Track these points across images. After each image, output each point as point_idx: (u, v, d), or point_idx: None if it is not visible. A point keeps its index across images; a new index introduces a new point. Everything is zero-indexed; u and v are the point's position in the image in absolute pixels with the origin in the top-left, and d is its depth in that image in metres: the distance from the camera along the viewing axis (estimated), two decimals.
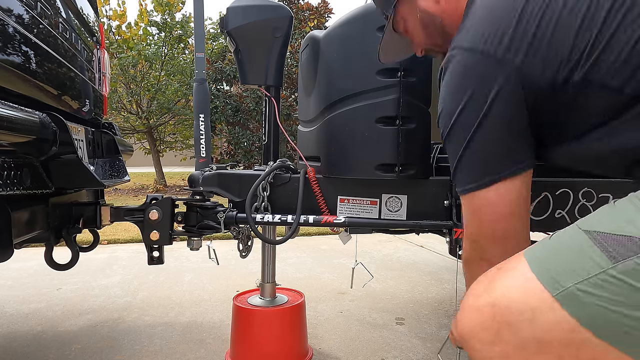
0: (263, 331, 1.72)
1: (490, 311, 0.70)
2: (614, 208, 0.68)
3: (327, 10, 8.88)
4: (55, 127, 1.23)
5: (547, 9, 0.74)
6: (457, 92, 0.82)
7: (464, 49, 0.81)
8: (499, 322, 0.69)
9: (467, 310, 0.75)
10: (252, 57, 1.65)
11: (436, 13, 0.98)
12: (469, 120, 0.80)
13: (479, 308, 0.73)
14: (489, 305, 0.71)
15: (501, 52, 0.76)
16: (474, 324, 0.73)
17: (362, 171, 1.39)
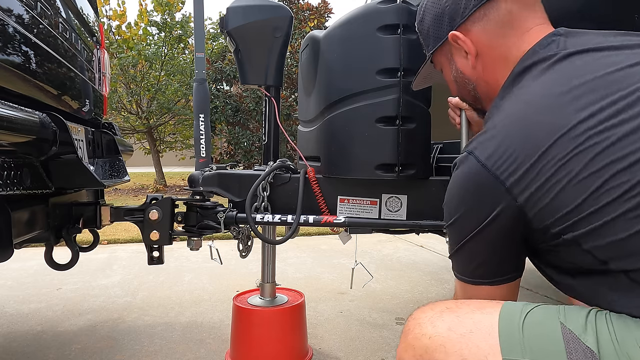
0: (263, 331, 1.72)
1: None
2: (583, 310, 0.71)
3: (327, 10, 8.88)
4: (55, 127, 1.23)
5: (569, 162, 0.71)
6: (463, 196, 0.84)
7: (480, 161, 0.79)
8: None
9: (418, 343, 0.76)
10: (252, 57, 1.65)
11: (471, 78, 0.95)
12: (468, 226, 0.82)
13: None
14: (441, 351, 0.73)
15: (510, 183, 0.75)
16: None
17: (362, 171, 1.39)
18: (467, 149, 0.83)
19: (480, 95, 0.97)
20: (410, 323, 0.80)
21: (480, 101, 0.99)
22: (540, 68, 0.81)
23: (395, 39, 1.33)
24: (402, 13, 1.34)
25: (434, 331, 0.75)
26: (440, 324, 0.75)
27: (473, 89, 0.97)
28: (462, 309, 0.77)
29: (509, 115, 0.81)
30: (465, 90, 0.99)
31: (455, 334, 0.73)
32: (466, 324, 0.74)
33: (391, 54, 1.34)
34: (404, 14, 1.34)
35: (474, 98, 0.99)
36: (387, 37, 1.34)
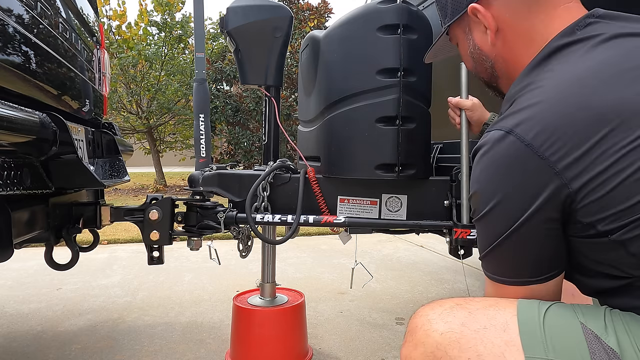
0: (263, 331, 1.72)
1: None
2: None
3: (327, 10, 8.88)
4: (55, 127, 1.23)
5: (633, 151, 0.64)
6: (504, 181, 0.73)
7: (524, 141, 0.70)
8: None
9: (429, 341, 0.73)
10: (252, 57, 1.65)
11: (489, 55, 0.90)
12: (510, 215, 0.72)
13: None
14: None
15: (562, 167, 0.67)
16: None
17: (362, 171, 1.39)
18: (503, 128, 0.74)
19: (498, 74, 0.91)
20: (418, 320, 0.77)
21: (496, 79, 0.94)
22: (585, 47, 0.74)
23: (395, 39, 1.33)
24: (402, 13, 1.34)
25: (447, 327, 0.71)
26: (453, 320, 0.72)
27: (490, 67, 0.91)
28: (473, 305, 0.74)
29: (555, 92, 0.72)
30: (482, 67, 0.94)
31: (469, 329, 0.70)
32: (480, 320, 0.70)
33: (391, 54, 1.34)
34: (404, 14, 1.34)
35: (491, 76, 0.94)
36: (387, 37, 1.34)
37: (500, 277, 0.79)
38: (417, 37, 1.36)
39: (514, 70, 0.86)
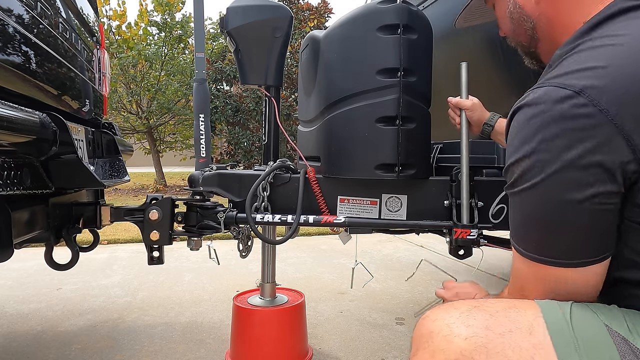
0: (263, 331, 1.72)
1: None
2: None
3: (327, 10, 8.88)
4: (55, 127, 1.23)
5: None
6: (566, 146, 0.65)
7: (598, 105, 0.63)
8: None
9: (447, 339, 0.68)
10: (252, 57, 1.65)
11: (531, 15, 0.85)
12: (572, 185, 0.65)
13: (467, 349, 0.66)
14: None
15: (637, 140, 0.62)
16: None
17: (362, 171, 1.39)
18: (568, 86, 0.66)
19: (539, 36, 0.86)
20: (432, 325, 0.71)
21: (536, 42, 0.88)
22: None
23: (395, 39, 1.33)
24: (402, 13, 1.34)
25: (470, 331, 0.66)
26: (475, 323, 0.67)
27: (531, 28, 0.86)
28: (491, 307, 0.70)
29: (629, 56, 0.66)
30: (521, 28, 0.88)
31: (495, 333, 0.65)
32: (503, 323, 0.66)
33: (391, 54, 1.34)
34: (404, 14, 1.34)
35: (530, 38, 0.88)
36: (387, 37, 1.34)
37: (545, 257, 0.71)
38: (417, 37, 1.36)
39: (559, 32, 0.81)
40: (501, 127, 1.31)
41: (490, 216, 1.43)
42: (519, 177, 0.71)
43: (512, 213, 0.76)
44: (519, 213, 0.74)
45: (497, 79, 1.72)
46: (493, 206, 1.42)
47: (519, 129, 0.71)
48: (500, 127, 1.31)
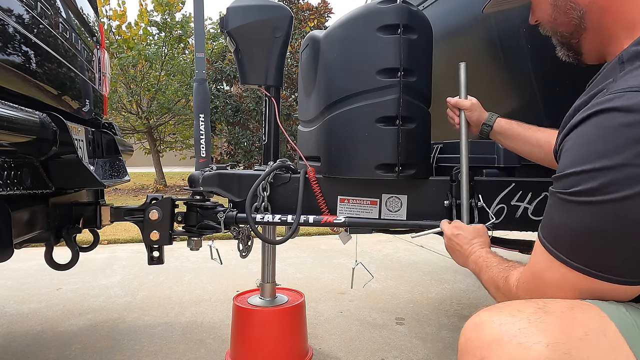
0: (263, 331, 1.72)
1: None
2: None
3: (327, 10, 8.88)
4: (55, 127, 1.23)
5: None
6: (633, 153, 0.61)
7: None
8: None
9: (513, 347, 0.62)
10: (252, 57, 1.65)
11: (580, 2, 0.81)
12: (623, 207, 0.62)
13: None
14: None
15: None
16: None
17: (362, 171, 1.39)
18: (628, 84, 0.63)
19: (587, 25, 0.82)
20: (498, 330, 0.64)
21: (580, 32, 0.84)
22: None
23: (395, 39, 1.33)
24: (402, 13, 1.34)
25: (550, 337, 0.60)
26: (551, 328, 0.61)
27: (579, 17, 0.82)
28: (555, 307, 0.65)
29: None
30: (567, 17, 0.84)
31: (573, 338, 0.60)
32: (576, 326, 0.62)
33: (391, 54, 1.34)
34: (404, 14, 1.34)
35: (575, 28, 0.84)
36: (387, 37, 1.34)
37: (596, 272, 0.67)
38: (417, 37, 1.36)
39: (614, 21, 0.78)
40: (500, 127, 1.31)
41: (490, 216, 1.43)
42: (595, 188, 0.65)
43: (561, 220, 0.71)
44: (574, 223, 0.69)
45: (496, 79, 1.72)
46: (493, 206, 1.42)
47: (602, 135, 0.65)
48: (499, 127, 1.31)
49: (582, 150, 0.68)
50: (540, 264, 0.75)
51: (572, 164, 0.68)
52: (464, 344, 0.68)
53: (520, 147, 1.28)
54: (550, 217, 0.74)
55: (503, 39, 1.56)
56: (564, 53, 0.92)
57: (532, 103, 1.54)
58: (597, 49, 0.85)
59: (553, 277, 0.72)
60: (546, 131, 1.23)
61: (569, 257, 0.70)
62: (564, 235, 0.71)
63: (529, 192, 1.42)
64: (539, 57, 1.45)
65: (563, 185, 0.70)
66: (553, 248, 0.72)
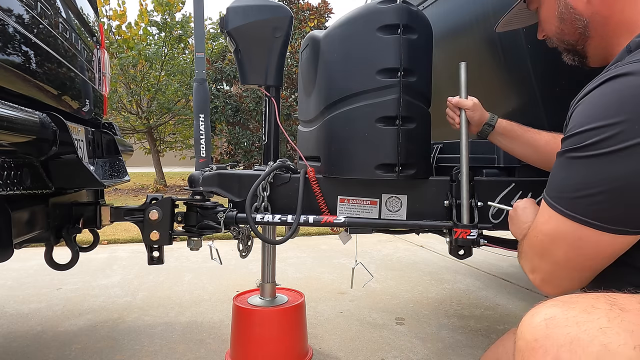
0: (263, 331, 1.72)
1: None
2: None
3: (327, 10, 8.88)
4: (55, 127, 1.23)
5: None
6: None
7: None
8: None
9: None
10: (252, 57, 1.65)
11: (583, 14, 0.88)
12: (636, 158, 0.66)
13: None
14: None
15: None
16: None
17: (362, 171, 1.39)
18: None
19: (591, 33, 0.89)
20: (576, 329, 0.58)
21: (585, 40, 0.91)
22: None
23: (395, 39, 1.33)
24: (402, 13, 1.34)
25: (637, 339, 0.55)
26: (636, 328, 0.56)
27: (583, 27, 0.89)
28: (626, 302, 0.62)
29: None
30: (572, 27, 0.91)
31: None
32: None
33: (391, 54, 1.34)
34: (404, 14, 1.34)
35: (580, 36, 0.91)
36: (387, 37, 1.34)
37: (586, 219, 0.72)
38: (417, 37, 1.36)
39: (615, 28, 0.85)
40: (501, 128, 1.31)
41: (490, 216, 1.43)
42: (602, 139, 0.69)
43: (565, 176, 0.76)
44: (578, 176, 0.73)
45: (496, 79, 1.72)
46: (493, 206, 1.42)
47: (617, 96, 0.70)
48: (501, 127, 1.31)
49: (596, 109, 0.72)
50: (540, 218, 0.82)
51: (585, 123, 0.72)
52: (533, 344, 0.60)
53: (519, 148, 1.30)
54: (553, 175, 0.80)
55: (503, 39, 1.56)
56: (570, 58, 0.99)
57: (532, 103, 1.54)
58: (600, 53, 0.91)
59: (548, 227, 0.79)
60: (544, 134, 1.24)
61: (567, 208, 0.75)
62: (563, 188, 0.77)
63: (529, 192, 1.42)
64: (539, 57, 1.45)
65: (568, 144, 0.75)
66: (552, 201, 0.78)
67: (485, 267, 3.39)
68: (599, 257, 0.75)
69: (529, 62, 1.49)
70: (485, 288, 2.89)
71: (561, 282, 0.82)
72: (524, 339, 0.62)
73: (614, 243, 0.72)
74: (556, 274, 0.82)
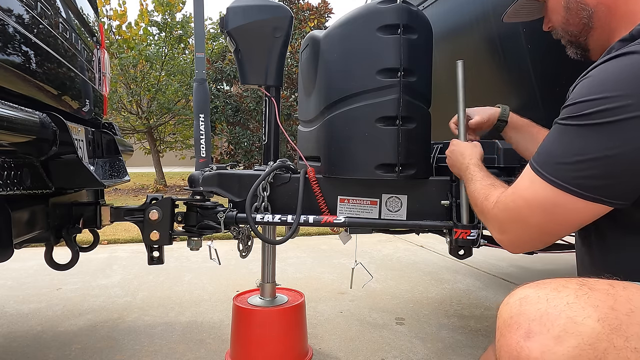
0: (263, 331, 1.72)
1: None
2: None
3: (327, 10, 8.88)
4: (55, 127, 1.23)
5: None
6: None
7: None
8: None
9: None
10: (252, 57, 1.65)
11: (589, 3, 0.90)
12: (631, 131, 0.69)
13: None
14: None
15: None
16: None
17: (362, 171, 1.39)
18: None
19: (594, 24, 0.91)
20: (546, 305, 0.64)
21: (588, 31, 0.93)
22: None
23: (395, 39, 1.33)
24: (402, 13, 1.34)
25: (600, 312, 0.60)
26: (601, 304, 0.61)
27: (588, 17, 0.91)
28: (597, 285, 0.66)
29: None
30: (577, 17, 0.93)
31: (622, 313, 0.61)
32: (622, 302, 0.62)
33: (391, 54, 1.34)
34: (404, 14, 1.34)
35: (584, 27, 0.93)
36: (387, 37, 1.34)
37: (568, 185, 0.75)
38: (417, 37, 1.36)
39: (618, 20, 0.87)
40: (514, 123, 1.30)
41: None
42: (605, 110, 0.71)
43: (556, 143, 0.78)
44: (578, 143, 0.74)
45: (496, 79, 1.72)
46: None
47: (620, 72, 0.72)
48: (513, 122, 1.30)
49: (598, 82, 0.74)
50: (521, 184, 0.84)
51: (585, 94, 0.75)
52: (508, 320, 0.66)
53: (533, 145, 1.26)
54: (544, 143, 0.82)
55: (503, 39, 1.56)
56: (573, 51, 1.01)
57: (532, 103, 1.54)
58: (602, 46, 0.92)
59: (529, 192, 0.81)
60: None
61: (548, 172, 0.78)
62: (551, 154, 0.79)
63: None
64: (539, 57, 1.45)
65: (569, 111, 0.77)
66: (537, 167, 0.80)
67: (485, 267, 3.38)
68: (569, 224, 0.78)
69: (529, 62, 1.49)
70: (485, 288, 2.89)
71: (527, 244, 0.87)
72: (502, 318, 0.67)
73: (586, 210, 0.75)
74: (525, 237, 0.86)
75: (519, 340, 0.62)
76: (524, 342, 0.62)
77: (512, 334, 0.64)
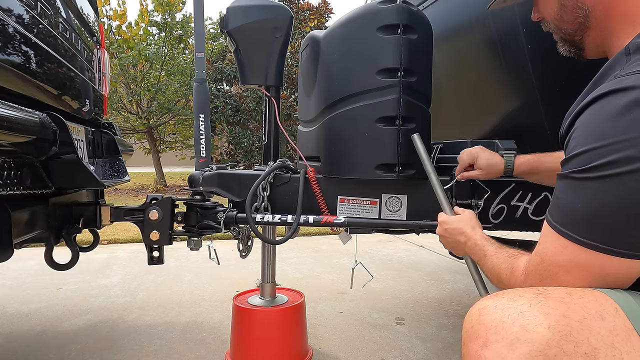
0: (263, 331, 1.72)
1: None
2: None
3: (327, 10, 8.88)
4: (55, 127, 1.23)
5: None
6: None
7: None
8: None
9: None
10: (252, 57, 1.65)
11: (587, 3, 0.85)
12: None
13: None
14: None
15: None
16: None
17: (362, 171, 1.39)
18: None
19: (591, 24, 0.86)
20: (501, 314, 0.66)
21: (584, 30, 0.88)
22: None
23: (395, 39, 1.33)
24: (402, 13, 1.34)
25: (552, 320, 0.63)
26: (552, 311, 0.64)
27: (584, 15, 0.86)
28: (555, 293, 0.67)
29: None
30: (572, 16, 0.88)
31: (574, 320, 0.63)
32: (575, 309, 0.64)
33: (391, 54, 1.34)
34: (404, 14, 1.34)
35: (579, 26, 0.88)
36: (387, 37, 1.34)
37: (612, 247, 0.68)
38: (417, 37, 1.36)
39: (617, 20, 0.82)
40: (520, 171, 1.23)
41: (490, 216, 1.43)
42: (608, 162, 0.66)
43: (572, 200, 0.72)
44: (586, 200, 0.69)
45: (496, 79, 1.72)
46: (493, 206, 1.42)
47: (614, 113, 0.67)
48: (520, 170, 1.23)
49: (593, 129, 0.70)
50: (549, 248, 0.75)
51: (583, 143, 0.70)
52: (469, 330, 0.69)
53: (546, 179, 1.21)
54: (559, 200, 0.75)
55: (503, 39, 1.56)
56: (566, 49, 0.95)
57: (532, 103, 1.54)
58: (599, 45, 0.88)
59: (563, 259, 0.72)
60: (557, 154, 1.15)
61: (581, 235, 0.70)
62: (575, 214, 0.71)
63: (529, 192, 1.42)
64: (539, 57, 1.45)
65: (574, 165, 0.71)
66: (563, 228, 0.72)
67: None
68: (622, 282, 0.71)
69: (529, 62, 1.49)
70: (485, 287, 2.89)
71: None
72: (464, 328, 0.71)
73: (634, 268, 0.69)
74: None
75: (477, 350, 0.66)
76: (482, 351, 0.65)
77: (472, 343, 0.67)
